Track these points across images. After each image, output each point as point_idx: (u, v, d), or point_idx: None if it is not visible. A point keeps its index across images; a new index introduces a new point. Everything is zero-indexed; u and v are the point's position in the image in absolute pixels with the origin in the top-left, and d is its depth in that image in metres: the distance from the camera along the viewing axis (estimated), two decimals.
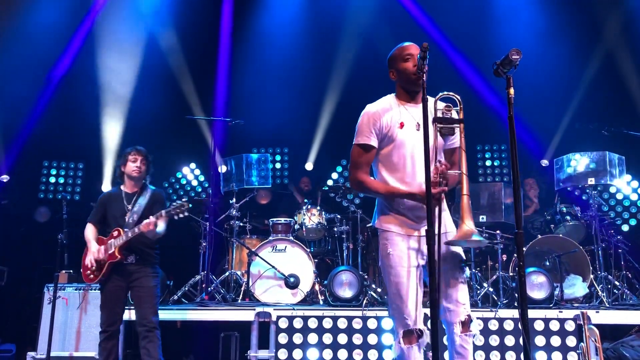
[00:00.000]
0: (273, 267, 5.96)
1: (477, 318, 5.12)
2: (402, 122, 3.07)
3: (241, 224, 6.55)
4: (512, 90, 2.67)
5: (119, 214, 4.58)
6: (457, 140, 3.05)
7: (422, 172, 2.78)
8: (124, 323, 5.01)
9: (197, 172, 8.96)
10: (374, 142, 3.10)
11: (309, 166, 8.64)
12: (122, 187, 4.71)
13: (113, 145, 7.92)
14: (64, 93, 7.82)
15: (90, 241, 4.56)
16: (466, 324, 3.04)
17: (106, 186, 8.26)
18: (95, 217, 4.68)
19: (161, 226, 4.44)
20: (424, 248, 2.98)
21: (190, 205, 4.47)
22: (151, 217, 4.38)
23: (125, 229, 4.47)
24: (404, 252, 3.05)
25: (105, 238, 4.55)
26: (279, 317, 5.21)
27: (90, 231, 4.62)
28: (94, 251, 4.47)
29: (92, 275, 4.52)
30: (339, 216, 6.67)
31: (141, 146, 4.73)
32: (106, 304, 4.52)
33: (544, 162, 7.75)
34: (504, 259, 6.16)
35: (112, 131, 7.86)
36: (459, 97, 2.90)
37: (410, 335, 2.97)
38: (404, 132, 3.06)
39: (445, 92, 2.91)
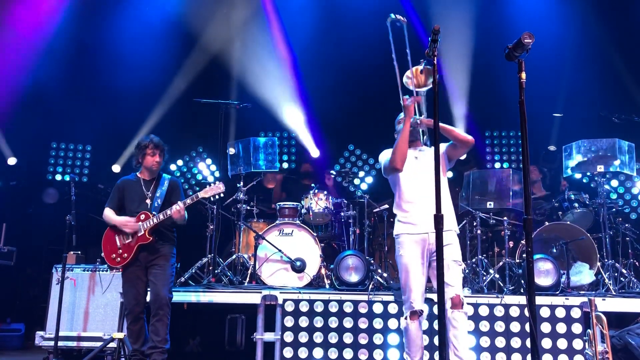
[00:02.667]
0: (280, 250, 5.97)
1: (483, 304, 5.19)
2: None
3: (248, 208, 6.55)
4: (523, 75, 2.64)
5: (138, 200, 4.68)
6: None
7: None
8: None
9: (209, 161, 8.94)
10: None
11: (315, 153, 8.59)
12: (139, 175, 4.81)
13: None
14: (72, 75, 7.80)
15: (115, 219, 4.61)
16: (456, 303, 3.84)
17: (116, 168, 8.31)
18: (112, 202, 4.75)
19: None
20: (427, 247, 3.96)
21: (222, 187, 4.74)
22: (179, 202, 4.54)
23: (154, 212, 4.57)
24: (412, 252, 4.00)
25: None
26: (285, 301, 5.23)
27: (111, 213, 4.69)
28: (125, 221, 4.55)
29: (119, 259, 4.57)
30: (345, 201, 6.67)
31: (155, 135, 4.83)
32: (128, 286, 4.60)
33: (552, 147, 7.68)
34: (511, 245, 6.14)
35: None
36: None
37: (414, 314, 3.99)
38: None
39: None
